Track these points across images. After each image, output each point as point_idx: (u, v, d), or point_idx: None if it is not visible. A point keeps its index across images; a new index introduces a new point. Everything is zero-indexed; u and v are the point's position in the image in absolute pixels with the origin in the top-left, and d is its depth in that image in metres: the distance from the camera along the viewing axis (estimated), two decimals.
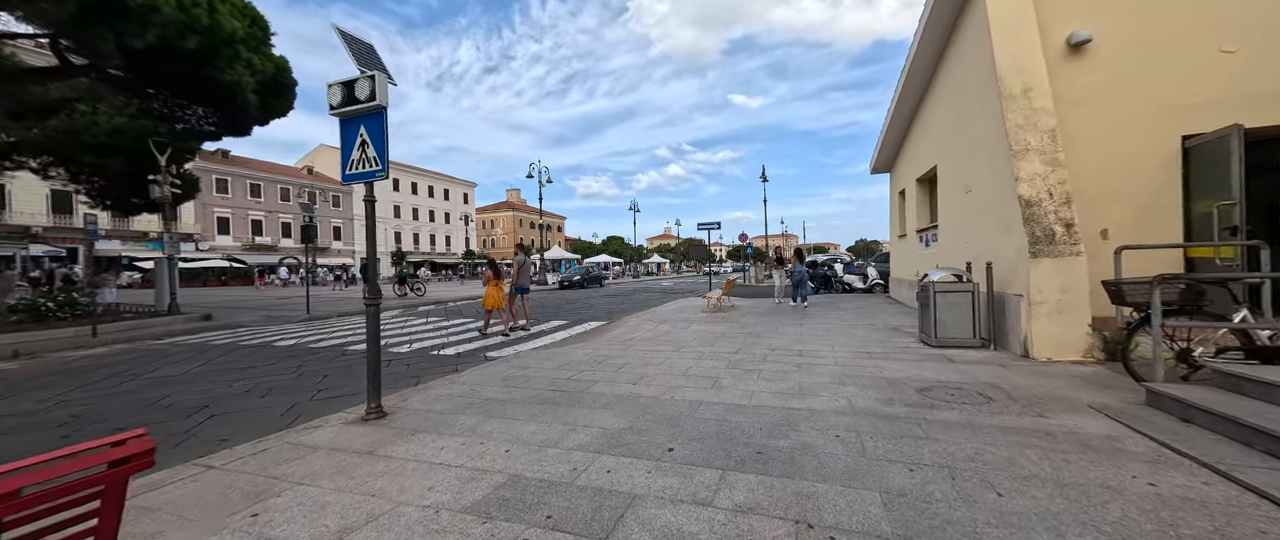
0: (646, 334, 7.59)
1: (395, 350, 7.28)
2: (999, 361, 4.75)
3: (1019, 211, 4.90)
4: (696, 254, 62.09)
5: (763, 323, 8.47)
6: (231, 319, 12.05)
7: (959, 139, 7.00)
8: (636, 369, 5.00)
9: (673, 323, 8.86)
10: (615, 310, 13.03)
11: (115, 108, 13.72)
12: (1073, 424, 2.98)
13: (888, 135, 10.68)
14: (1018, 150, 5.05)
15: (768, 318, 9.20)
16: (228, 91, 11.19)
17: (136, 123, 13.26)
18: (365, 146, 3.55)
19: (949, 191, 7.56)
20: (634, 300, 16.51)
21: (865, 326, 7.58)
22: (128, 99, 13.34)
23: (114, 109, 13.72)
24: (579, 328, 9.43)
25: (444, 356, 6.79)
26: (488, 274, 8.93)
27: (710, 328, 8.03)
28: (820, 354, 5.48)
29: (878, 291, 14.26)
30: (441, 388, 4.46)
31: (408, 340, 8.23)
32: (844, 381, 4.20)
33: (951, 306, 5.49)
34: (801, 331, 7.28)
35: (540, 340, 7.98)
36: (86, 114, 13.64)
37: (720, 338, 6.91)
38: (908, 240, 10.44)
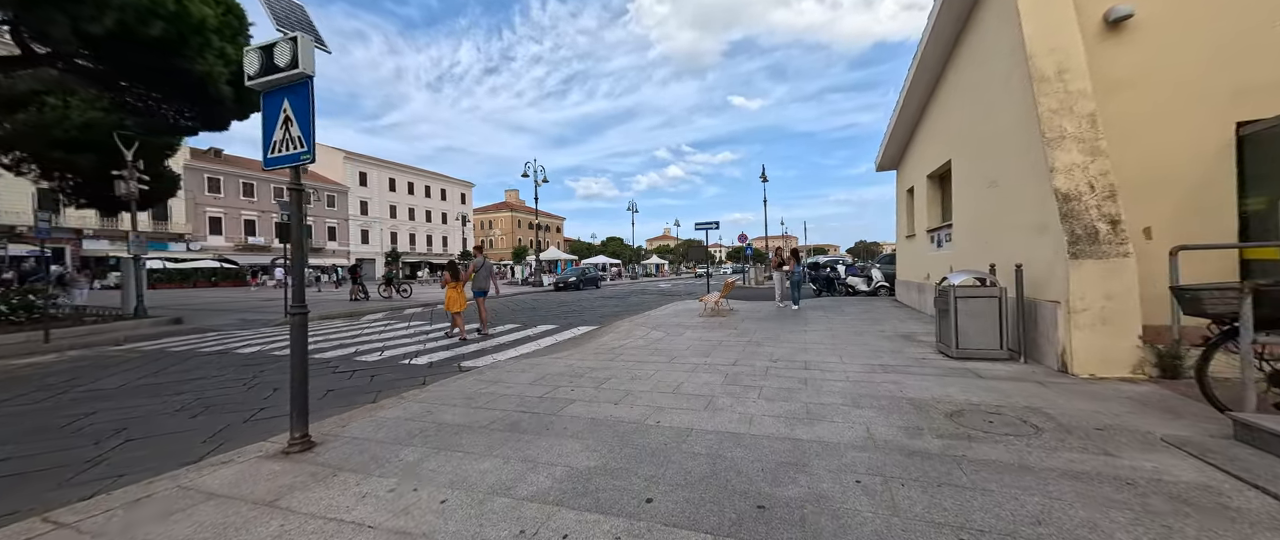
0: (637, 341, 7.00)
1: (364, 358, 6.69)
2: (1034, 377, 4.16)
3: (1055, 207, 4.32)
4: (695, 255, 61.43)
5: (763, 329, 7.88)
6: (204, 322, 11.46)
7: (979, 129, 6.42)
8: (621, 384, 4.41)
9: (666, 329, 8.27)
10: (608, 314, 12.43)
11: (87, 101, 13.13)
12: (1153, 466, 2.39)
13: (896, 130, 10.11)
14: (1052, 138, 4.47)
15: (769, 323, 8.61)
16: (199, 83, 10.60)
17: (110, 117, 12.67)
18: (289, 125, 2.97)
19: (966, 187, 6.98)
20: (629, 303, 15.92)
21: (875, 333, 6.99)
22: (100, 92, 12.72)
23: (86, 103, 13.14)
24: (567, 333, 8.84)
25: (414, 366, 6.20)
26: (446, 276, 8.69)
27: (707, 335, 7.44)
28: (828, 367, 4.89)
29: (882, 294, 13.68)
30: (394, 408, 3.87)
31: (382, 347, 7.63)
32: (858, 402, 3.61)
33: (975, 314, 4.90)
34: (806, 339, 6.69)
35: (523, 347, 7.39)
36: (57, 108, 13.04)
37: (717, 346, 6.32)
38: (917, 241, 9.86)
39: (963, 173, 7.13)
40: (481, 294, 9.05)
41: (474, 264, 9.00)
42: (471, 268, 8.94)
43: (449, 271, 8.83)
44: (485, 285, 9.06)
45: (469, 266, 9.01)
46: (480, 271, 8.98)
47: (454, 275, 8.78)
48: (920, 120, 9.28)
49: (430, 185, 62.03)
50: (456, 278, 8.79)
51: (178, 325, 10.53)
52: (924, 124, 9.07)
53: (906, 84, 8.60)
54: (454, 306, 8.46)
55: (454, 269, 8.90)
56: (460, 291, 8.63)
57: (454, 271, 8.85)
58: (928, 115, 8.83)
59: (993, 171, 5.89)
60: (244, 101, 12.07)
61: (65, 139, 12.58)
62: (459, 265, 9.03)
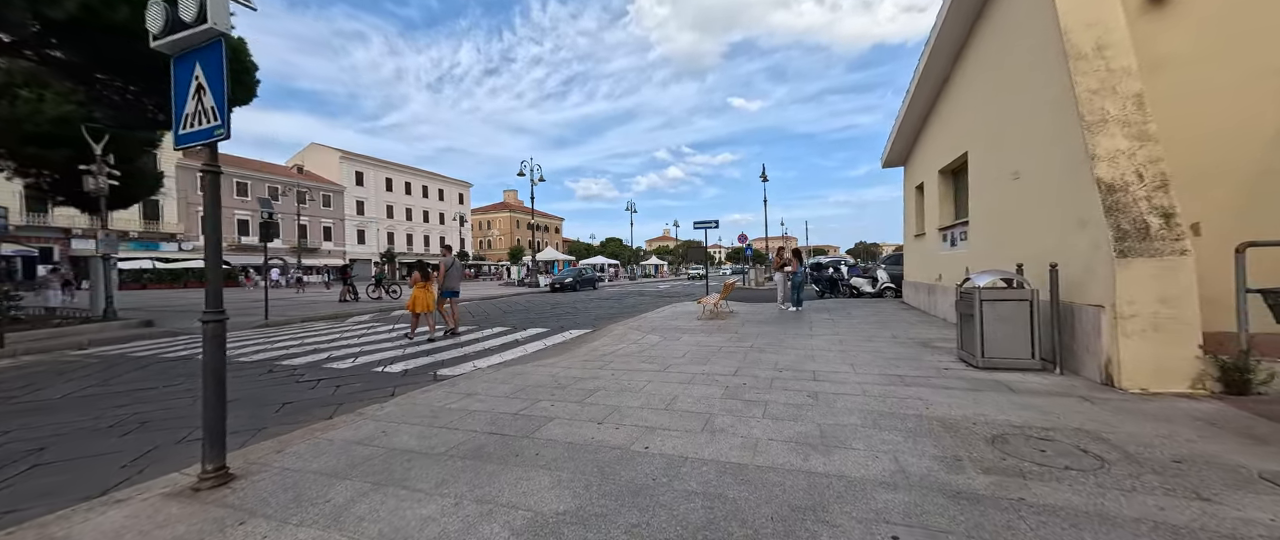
0: (630, 347, 6.51)
1: (334, 366, 6.18)
2: (1075, 392, 3.66)
3: (1097, 199, 3.83)
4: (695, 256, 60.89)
5: (766, 333, 7.38)
6: (178, 325, 10.94)
7: (1000, 118, 5.93)
8: (608, 399, 3.91)
9: (663, 332, 7.77)
10: (602, 316, 11.93)
11: (62, 95, 12.62)
12: (1270, 518, 1.90)
13: (904, 122, 9.62)
14: (1093, 122, 3.98)
15: (771, 327, 8.11)
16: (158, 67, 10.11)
17: (85, 111, 12.14)
18: (201, 95, 2.48)
19: (984, 181, 6.49)
20: (625, 304, 15.42)
21: (886, 339, 6.49)
22: (75, 85, 12.20)
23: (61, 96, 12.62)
24: (557, 338, 8.34)
25: (387, 375, 5.70)
26: (414, 276, 8.44)
27: (705, 339, 6.94)
28: (840, 377, 4.39)
29: (888, 296, 13.18)
30: (346, 427, 3.37)
31: (358, 353, 7.13)
32: (880, 423, 3.11)
33: (1003, 318, 4.40)
34: (812, 345, 6.20)
35: (509, 353, 6.89)
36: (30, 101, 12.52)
37: (716, 353, 5.82)
38: (927, 240, 9.37)
39: (980, 166, 6.64)
40: (452, 294, 8.77)
41: (443, 263, 8.74)
42: (442, 267, 8.68)
43: (417, 271, 8.53)
44: (455, 285, 8.80)
45: (438, 266, 8.74)
46: (450, 271, 8.68)
47: (423, 275, 8.50)
48: (931, 111, 8.79)
49: (428, 185, 61.54)
50: (426, 278, 8.53)
51: (148, 328, 10.03)
52: (935, 115, 8.58)
53: (917, 72, 8.11)
54: (419, 306, 8.18)
55: (422, 268, 8.61)
56: (428, 292, 8.36)
57: (423, 271, 8.55)
58: (940, 105, 8.34)
59: (1016, 163, 5.40)
60: None
61: (37, 133, 12.04)
62: (427, 265, 8.76)
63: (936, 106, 8.49)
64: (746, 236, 26.68)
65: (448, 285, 8.68)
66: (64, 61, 11.14)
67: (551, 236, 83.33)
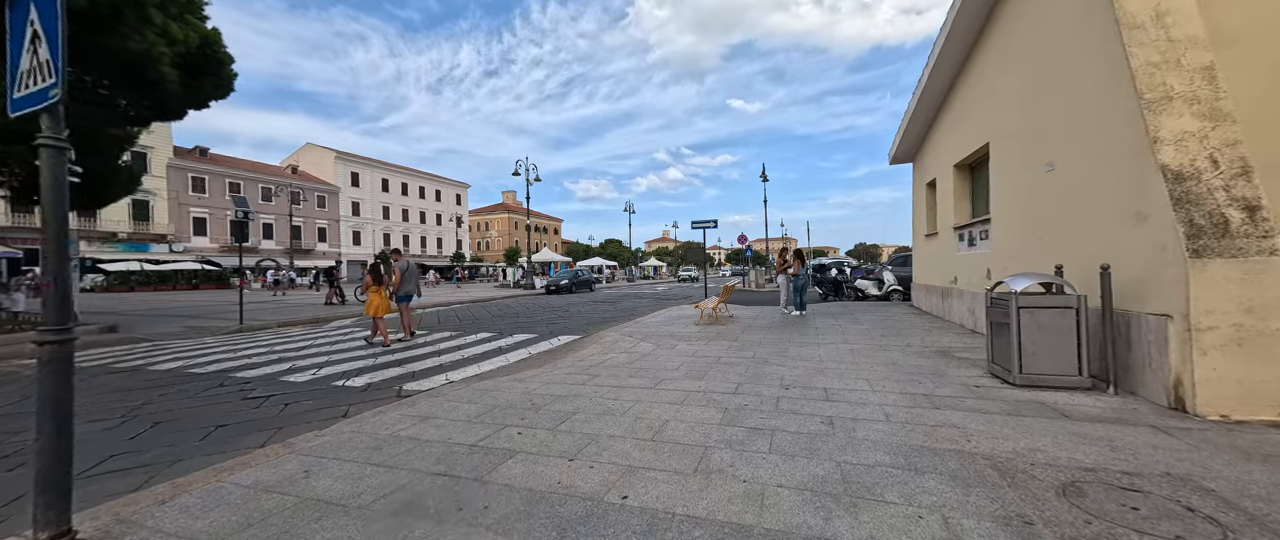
0: (620, 357, 5.91)
1: (292, 379, 5.58)
2: (1142, 418, 3.08)
3: (1162, 189, 3.25)
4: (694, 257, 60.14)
5: (768, 341, 6.79)
6: (145, 330, 10.35)
7: (1029, 103, 5.35)
8: (586, 425, 3.32)
9: (657, 340, 7.18)
10: (596, 320, 11.34)
11: None
12: None
13: (914, 117, 9.04)
14: (1154, 100, 3.40)
15: (774, 333, 7.52)
16: (138, 63, 9.54)
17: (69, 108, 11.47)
18: (36, 46, 1.89)
19: (1010, 174, 5.91)
20: (620, 308, 14.83)
21: (901, 348, 5.91)
22: None
23: None
24: (543, 345, 7.75)
25: (347, 389, 5.10)
26: (367, 280, 8.08)
27: (703, 349, 6.35)
28: (858, 397, 3.80)
29: (896, 299, 12.60)
30: (261, 467, 2.77)
31: (325, 362, 6.53)
32: (915, 462, 2.53)
33: (1044, 328, 3.82)
34: (821, 355, 5.60)
35: (488, 363, 6.29)
36: None
37: (714, 365, 5.23)
38: (940, 239, 8.78)
39: (1004, 157, 6.06)
40: (407, 298, 8.43)
41: (398, 266, 8.36)
42: (397, 271, 8.32)
43: (370, 274, 8.11)
44: (412, 289, 8.50)
45: (394, 269, 8.38)
46: (406, 274, 8.37)
47: (376, 278, 8.08)
48: (945, 101, 8.21)
49: (425, 186, 60.95)
50: (379, 281, 8.13)
51: (110, 334, 9.42)
52: (950, 105, 8.00)
53: (932, 59, 7.54)
54: (375, 311, 7.81)
55: (376, 271, 8.22)
56: (383, 296, 8.02)
57: (376, 274, 8.10)
58: (956, 95, 7.75)
59: (1050, 153, 4.82)
60: (195, 88, 11.02)
61: None
62: (382, 267, 8.38)
63: (952, 96, 7.92)
64: (746, 237, 26.12)
65: (403, 289, 8.36)
66: None
67: (550, 238, 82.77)
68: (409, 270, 8.49)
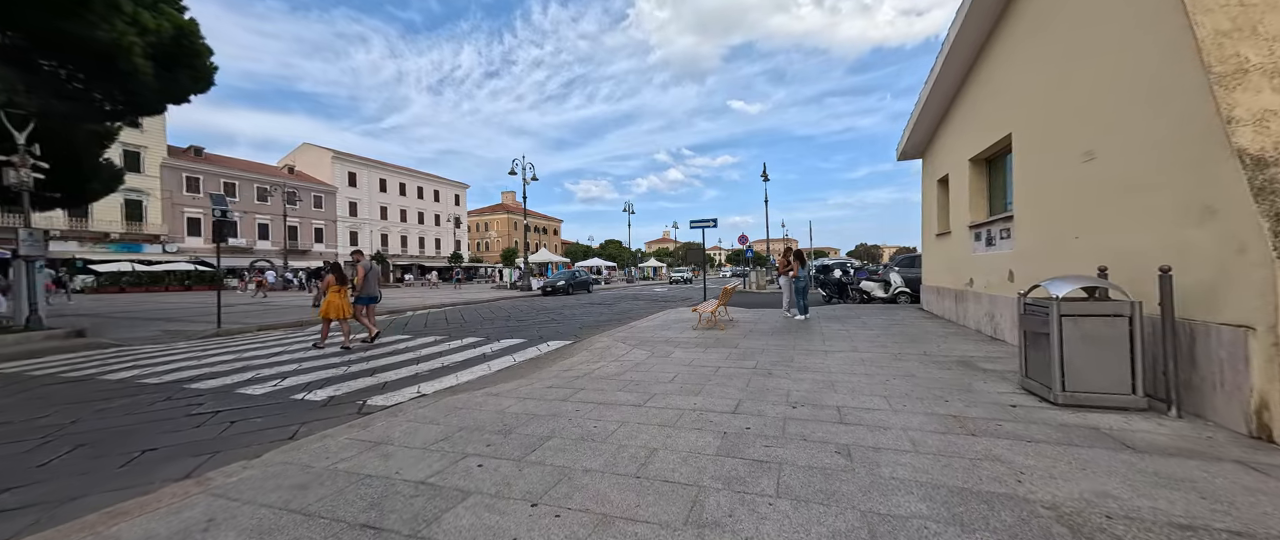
0: (610, 366, 5.42)
1: (250, 391, 5.09)
2: (1223, 451, 2.58)
3: (1239, 177, 2.76)
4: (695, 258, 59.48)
5: (771, 348, 6.29)
6: (117, 334, 9.86)
7: (1060, 85, 4.86)
8: (559, 455, 2.82)
9: (651, 346, 6.68)
10: (589, 323, 10.85)
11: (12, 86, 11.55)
12: None
13: (925, 111, 8.55)
14: (1225, 73, 2.91)
15: (777, 339, 7.02)
16: (107, 54, 9.07)
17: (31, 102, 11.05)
18: None
19: (1037, 166, 5.41)
20: (616, 311, 14.34)
21: (918, 357, 5.40)
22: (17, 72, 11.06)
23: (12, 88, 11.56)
24: (530, 351, 7.25)
25: (305, 403, 4.61)
26: (328, 280, 7.73)
27: (701, 357, 5.85)
28: (876, 418, 3.30)
29: (903, 301, 12.09)
30: (155, 515, 2.28)
31: (293, 370, 6.04)
32: (960, 513, 2.02)
33: (1091, 339, 3.32)
34: (829, 366, 5.10)
35: (467, 372, 5.80)
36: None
37: (712, 376, 4.73)
38: (953, 239, 8.27)
39: (1031, 148, 5.56)
40: (371, 300, 8.19)
41: (362, 267, 8.20)
42: (360, 271, 8.09)
43: (332, 274, 7.77)
44: (374, 291, 8.35)
45: (357, 270, 8.18)
46: (368, 276, 8.20)
47: (339, 278, 7.76)
48: (961, 90, 7.70)
49: (423, 186, 60.52)
50: (342, 281, 7.79)
51: (77, 339, 8.94)
52: (965, 96, 7.49)
53: (945, 47, 7.04)
54: (335, 313, 7.52)
55: (338, 271, 7.88)
56: (345, 297, 7.70)
57: (339, 274, 7.80)
58: (971, 84, 7.24)
59: (1090, 141, 4.31)
60: (170, 82, 10.54)
61: None
62: (345, 268, 8.06)
63: (968, 84, 7.41)
64: (747, 238, 25.63)
65: (366, 291, 8.14)
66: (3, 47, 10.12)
67: (550, 238, 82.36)
68: (372, 272, 8.30)
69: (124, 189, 34.24)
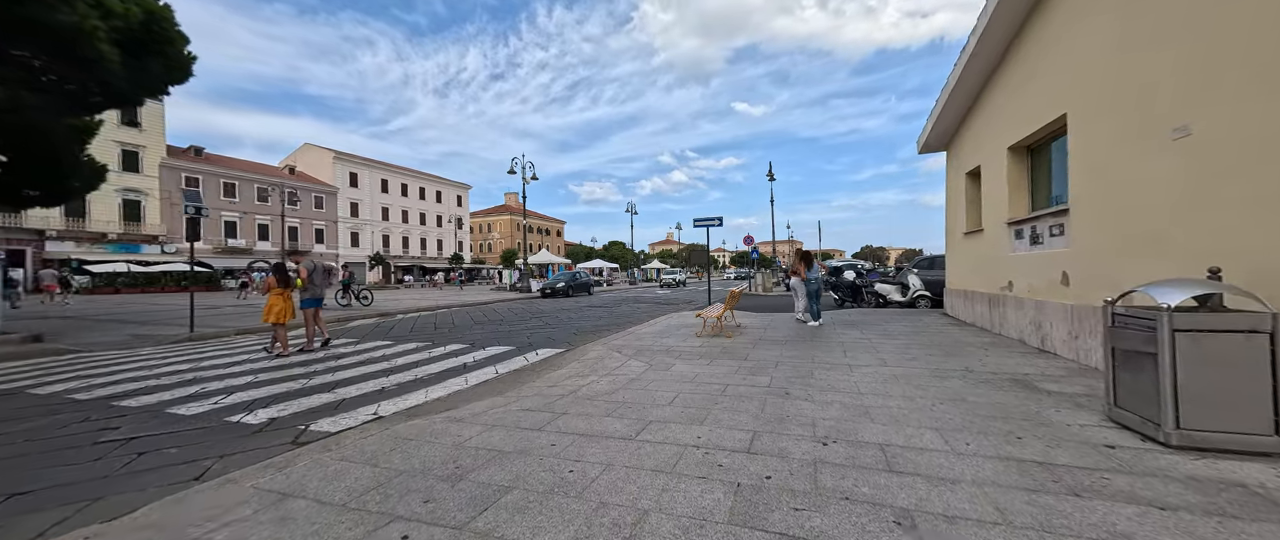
0: (601, 382, 4.68)
1: (182, 410, 4.40)
2: None
3: None
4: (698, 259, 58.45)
5: (787, 360, 5.53)
6: (81, 339, 9.25)
7: (1137, 49, 4.07)
8: (517, 522, 2.09)
9: (650, 357, 5.93)
10: (586, 328, 10.12)
11: None
12: None
13: (952, 98, 7.75)
14: None
15: (792, 350, 6.25)
16: (70, 39, 8.47)
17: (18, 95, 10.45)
18: None
19: (1101, 149, 4.61)
20: (616, 314, 13.60)
21: (961, 374, 4.62)
22: None
23: None
24: (515, 362, 6.52)
25: (237, 427, 3.91)
26: (269, 280, 7.09)
27: (705, 371, 5.10)
28: (935, 464, 2.54)
29: (923, 305, 11.27)
30: None
31: (243, 384, 5.35)
32: None
33: (1217, 361, 2.55)
34: (858, 384, 4.34)
35: (440, 387, 5.08)
36: None
37: (719, 398, 3.97)
38: (986, 237, 7.47)
39: (1094, 128, 4.76)
40: (315, 302, 7.59)
41: (304, 266, 7.59)
42: (303, 271, 7.44)
43: (274, 274, 7.13)
44: (321, 293, 7.71)
45: (299, 269, 7.53)
46: (313, 276, 7.60)
47: (281, 279, 7.11)
48: (997, 73, 6.90)
49: (425, 187, 60.16)
50: (286, 283, 7.14)
51: (32, 345, 8.31)
52: (1005, 74, 6.68)
53: (981, 24, 6.26)
54: (276, 316, 6.87)
55: (282, 271, 7.22)
56: (288, 299, 7.07)
57: (280, 275, 7.15)
58: (1014, 58, 6.42)
59: (1181, 113, 3.53)
60: (140, 70, 9.93)
61: None
62: (289, 267, 7.45)
63: (1006, 64, 6.61)
64: (753, 238, 24.84)
65: (311, 293, 7.54)
66: None
67: (553, 239, 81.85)
68: (316, 271, 7.68)
69: (122, 189, 34.11)
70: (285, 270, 7.33)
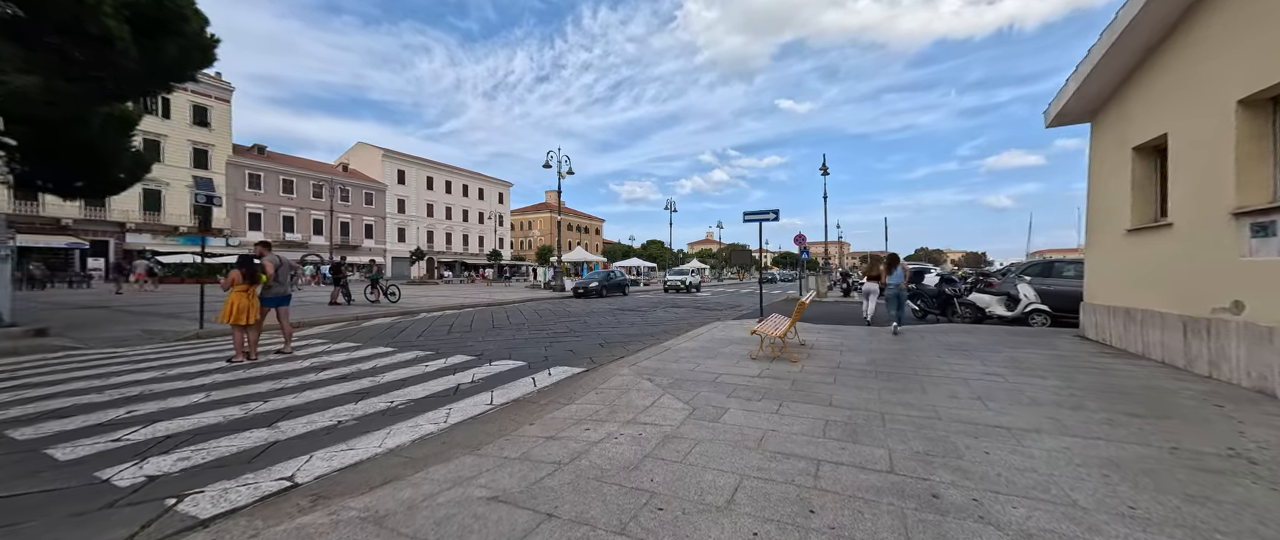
0: (623, 442, 3.14)
1: (58, 453, 3.28)
2: None
3: None
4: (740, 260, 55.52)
5: (896, 410, 3.76)
6: (93, 333, 8.84)
7: None
8: None
9: (693, 392, 4.34)
10: (613, 338, 8.63)
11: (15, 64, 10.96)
12: None
13: (1119, 44, 5.57)
14: None
15: (894, 389, 4.45)
16: (73, 13, 8.00)
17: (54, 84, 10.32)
18: None
19: None
20: (650, 319, 12.05)
21: (1222, 457, 2.70)
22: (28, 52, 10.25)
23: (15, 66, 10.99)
24: (523, 385, 5.11)
25: (106, 487, 2.70)
26: (233, 276, 6.19)
27: (775, 428, 3.44)
28: None
29: (1038, 322, 8.92)
30: None
31: (183, 407, 4.26)
32: None
33: None
34: (1055, 476, 2.53)
35: (407, 427, 3.72)
36: None
37: (811, 494, 2.32)
38: (1178, 235, 5.26)
39: None
40: (282, 301, 6.83)
41: (269, 261, 6.64)
42: (269, 266, 6.56)
43: (239, 268, 6.27)
44: (288, 290, 6.99)
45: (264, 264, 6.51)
46: (278, 271, 6.78)
47: (248, 275, 6.26)
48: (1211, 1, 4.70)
49: (468, 184, 61.28)
50: (252, 279, 6.29)
51: (36, 339, 7.87)
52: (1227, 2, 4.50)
53: None
54: (239, 317, 6.03)
55: (248, 264, 6.36)
56: (253, 298, 6.22)
57: (248, 267, 6.30)
58: None
59: None
60: (154, 48, 9.43)
61: None
62: (254, 261, 6.52)
63: None
64: (805, 237, 22.52)
65: (276, 290, 6.72)
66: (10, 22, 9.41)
67: (591, 238, 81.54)
68: (282, 267, 6.89)
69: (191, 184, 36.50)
70: (252, 263, 6.40)
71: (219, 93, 38.41)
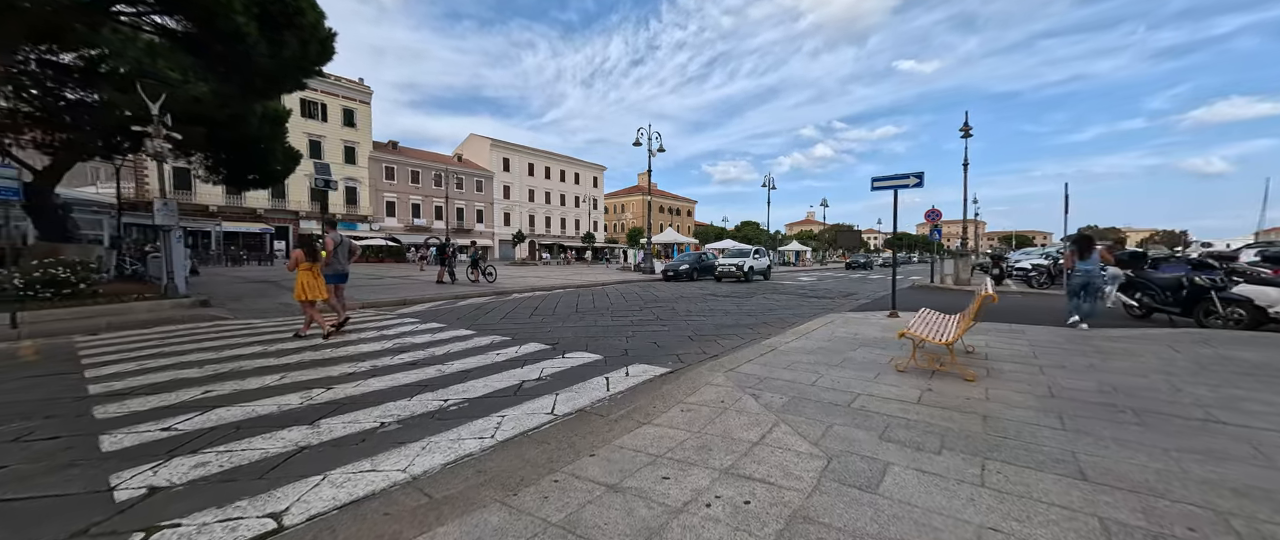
0: (720, 506, 1.95)
1: (108, 442, 3.11)
2: None
3: None
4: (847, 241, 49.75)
5: (1223, 498, 2.00)
6: (239, 305, 10.07)
7: None
8: None
9: (820, 426, 2.97)
10: (705, 331, 7.37)
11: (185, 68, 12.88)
12: None
13: None
14: None
15: (1183, 445, 2.59)
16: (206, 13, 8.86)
17: (225, 87, 11.96)
18: None
19: None
20: (747, 308, 10.52)
21: None
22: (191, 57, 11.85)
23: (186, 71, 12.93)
24: (593, 387, 4.17)
25: (107, 499, 2.30)
26: (297, 255, 6.29)
27: (998, 526, 1.95)
28: None
29: None
30: None
31: (246, 394, 4.11)
32: None
33: None
34: None
35: (448, 439, 2.98)
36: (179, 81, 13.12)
37: None
38: None
39: None
40: (341, 278, 7.08)
41: (331, 238, 6.79)
42: (330, 243, 6.73)
43: (302, 249, 6.35)
44: (344, 268, 7.17)
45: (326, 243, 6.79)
46: (338, 250, 7.02)
47: (310, 254, 6.33)
48: None
49: (565, 170, 63.65)
50: (313, 257, 6.37)
51: (202, 309, 9.12)
52: None
53: None
54: (309, 294, 6.24)
55: (309, 244, 6.43)
56: (318, 276, 6.36)
57: (309, 248, 6.38)
58: None
59: None
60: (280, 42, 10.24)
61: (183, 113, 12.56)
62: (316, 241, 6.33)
63: None
64: (939, 212, 18.69)
65: (334, 268, 6.90)
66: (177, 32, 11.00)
67: (683, 219, 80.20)
68: (341, 245, 7.12)
69: (345, 178, 42.86)
70: (313, 243, 6.51)
71: (361, 96, 44.21)
